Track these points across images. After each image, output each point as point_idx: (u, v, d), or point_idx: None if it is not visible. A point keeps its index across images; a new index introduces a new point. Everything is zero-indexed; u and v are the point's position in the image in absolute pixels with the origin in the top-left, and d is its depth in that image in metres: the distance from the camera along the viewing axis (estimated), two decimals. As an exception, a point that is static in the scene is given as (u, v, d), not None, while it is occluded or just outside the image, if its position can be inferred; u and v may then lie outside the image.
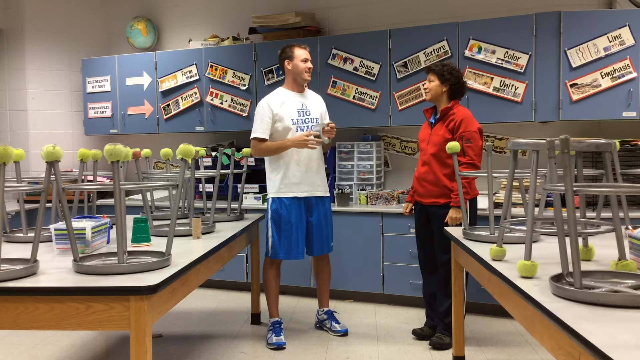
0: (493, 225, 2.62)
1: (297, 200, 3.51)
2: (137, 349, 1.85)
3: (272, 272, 3.61)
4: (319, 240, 3.60)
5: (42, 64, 5.32)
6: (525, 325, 1.88)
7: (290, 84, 3.58)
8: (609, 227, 1.93)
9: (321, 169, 3.61)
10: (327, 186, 3.67)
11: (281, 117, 3.47)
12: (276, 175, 3.53)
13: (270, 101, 3.51)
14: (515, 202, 3.60)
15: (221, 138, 5.35)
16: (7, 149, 1.84)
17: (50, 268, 2.12)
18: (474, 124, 3.34)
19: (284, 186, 3.50)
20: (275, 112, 3.47)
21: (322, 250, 3.64)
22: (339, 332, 3.68)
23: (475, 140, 3.30)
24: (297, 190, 3.51)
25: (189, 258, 2.28)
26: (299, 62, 3.50)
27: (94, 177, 3.26)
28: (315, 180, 3.55)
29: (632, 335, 1.33)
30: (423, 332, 3.60)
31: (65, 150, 4.79)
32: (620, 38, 3.85)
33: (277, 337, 3.51)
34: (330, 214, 3.68)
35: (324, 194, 3.61)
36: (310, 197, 3.54)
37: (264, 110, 3.49)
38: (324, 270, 3.77)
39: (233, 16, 5.28)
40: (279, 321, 3.63)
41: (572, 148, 1.71)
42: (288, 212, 3.49)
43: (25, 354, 3.45)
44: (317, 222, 3.58)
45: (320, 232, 3.60)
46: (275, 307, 3.65)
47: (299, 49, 3.53)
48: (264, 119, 3.48)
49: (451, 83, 3.39)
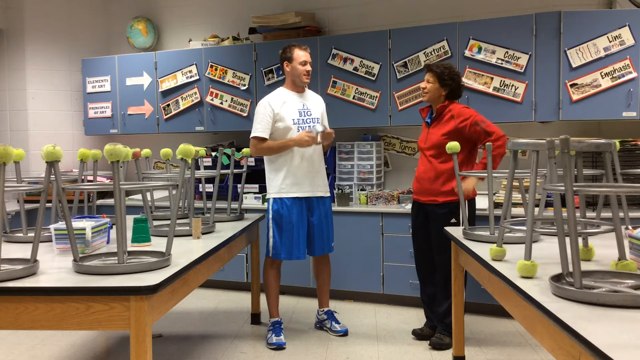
0: (493, 225, 2.62)
1: (298, 201, 3.51)
2: (137, 349, 1.85)
3: (272, 272, 3.61)
4: (319, 240, 3.60)
5: (42, 64, 5.32)
6: (525, 325, 1.88)
7: (290, 85, 3.58)
8: (609, 227, 1.93)
9: (322, 169, 3.62)
10: (328, 186, 3.67)
11: (282, 116, 3.47)
12: (276, 175, 3.53)
13: (271, 101, 3.51)
14: (515, 202, 3.60)
15: (221, 138, 5.35)
16: (7, 149, 1.84)
17: (50, 268, 2.12)
18: (471, 109, 3.39)
19: (285, 186, 3.50)
20: (276, 111, 3.47)
21: (323, 250, 3.65)
22: (339, 332, 3.68)
23: (482, 117, 3.33)
24: (298, 191, 3.50)
25: (189, 258, 2.28)
26: (297, 64, 3.49)
27: (94, 177, 3.26)
28: (316, 180, 3.55)
29: (632, 335, 1.33)
30: (423, 332, 3.60)
31: (65, 150, 4.78)
32: (620, 38, 3.85)
33: (277, 337, 3.51)
34: (331, 213, 3.68)
35: (324, 194, 3.62)
36: (311, 197, 3.55)
37: (264, 110, 3.48)
38: (324, 270, 3.77)
39: (233, 16, 5.28)
40: (279, 321, 3.63)
41: (572, 148, 1.71)
42: (289, 213, 3.49)
43: (25, 354, 3.44)
44: (318, 222, 3.58)
45: (321, 232, 3.60)
46: (275, 308, 3.65)
47: (298, 51, 3.50)
48: (264, 118, 3.47)
49: (451, 88, 3.39)
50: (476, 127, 3.28)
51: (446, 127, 3.34)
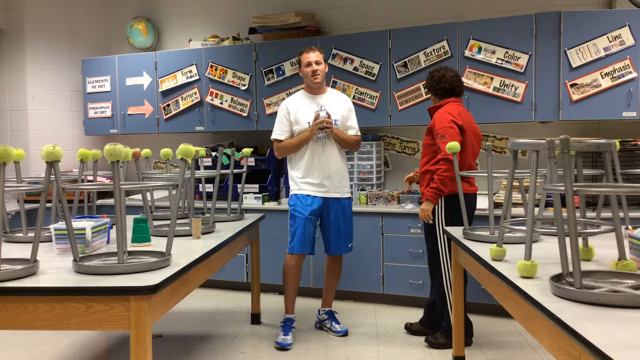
0: (493, 225, 2.62)
1: (312, 199, 3.55)
2: (137, 349, 1.85)
3: (290, 267, 3.59)
4: (335, 239, 3.63)
5: (42, 64, 5.32)
6: (525, 326, 1.88)
7: (307, 87, 3.65)
8: (609, 227, 1.93)
9: (341, 169, 3.63)
10: (349, 187, 3.71)
11: (297, 120, 3.55)
12: (294, 175, 3.62)
13: (288, 103, 3.62)
14: (515, 202, 3.61)
15: (221, 138, 5.35)
16: (7, 149, 1.84)
17: (50, 268, 2.11)
18: (445, 118, 3.26)
19: (302, 185, 3.57)
20: (292, 114, 3.56)
21: (339, 250, 3.67)
22: (339, 333, 3.68)
23: (452, 135, 3.20)
24: (313, 191, 3.55)
25: (189, 258, 2.28)
26: (304, 67, 3.57)
27: (94, 177, 3.26)
28: (333, 182, 3.58)
29: (632, 335, 1.33)
30: (412, 326, 3.69)
31: (65, 150, 4.80)
32: (620, 38, 3.85)
33: (284, 336, 3.51)
34: (350, 214, 3.69)
35: (342, 195, 3.63)
36: (327, 197, 3.58)
37: (281, 112, 3.62)
38: (335, 270, 3.77)
39: (233, 16, 5.28)
40: (291, 319, 3.62)
41: (572, 148, 1.71)
42: (303, 208, 3.53)
43: (25, 354, 3.45)
44: (334, 221, 3.61)
45: (338, 231, 3.62)
46: (290, 304, 3.65)
47: (304, 54, 3.58)
48: (281, 120, 3.60)
49: (429, 86, 3.46)
50: (437, 139, 3.28)
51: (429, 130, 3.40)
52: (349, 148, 3.70)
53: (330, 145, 3.56)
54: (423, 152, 3.48)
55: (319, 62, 3.55)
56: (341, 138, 3.57)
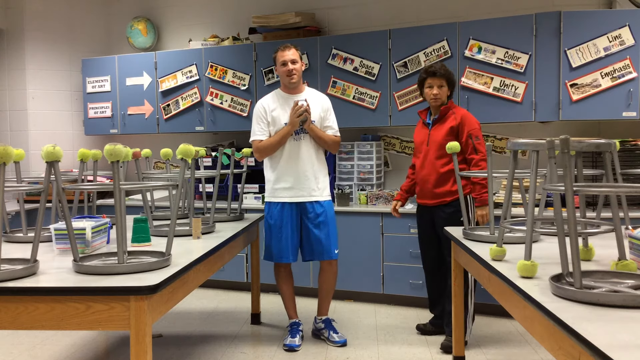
0: (493, 225, 2.62)
1: (288, 205, 3.44)
2: (137, 349, 1.85)
3: (280, 275, 3.58)
4: (317, 244, 3.45)
5: (42, 64, 5.32)
6: (525, 325, 1.88)
7: (284, 87, 3.53)
8: (609, 227, 1.93)
9: (318, 172, 3.47)
10: (328, 189, 3.54)
11: (274, 119, 3.43)
12: (269, 179, 3.52)
13: (264, 102, 3.50)
14: (515, 202, 3.61)
15: (221, 138, 5.35)
16: (7, 149, 1.84)
17: (50, 268, 2.11)
18: (476, 121, 3.40)
19: (275, 191, 3.47)
20: (269, 114, 3.45)
21: (321, 256, 3.47)
22: (337, 343, 3.50)
23: (481, 136, 3.38)
24: (287, 196, 3.43)
25: (189, 258, 2.28)
26: (278, 67, 3.45)
27: (94, 177, 3.26)
28: (310, 185, 3.43)
29: (632, 335, 1.33)
30: (426, 327, 3.65)
31: (65, 150, 4.80)
32: (620, 38, 3.85)
33: (291, 338, 3.49)
34: (331, 218, 3.49)
35: (320, 198, 3.47)
36: (304, 202, 3.45)
37: (258, 112, 3.49)
38: (325, 276, 3.57)
39: (233, 16, 5.28)
40: (296, 322, 3.60)
41: (572, 148, 1.71)
42: (278, 216, 3.44)
43: (25, 354, 3.45)
44: (313, 227, 3.45)
45: (318, 237, 3.44)
46: (291, 309, 3.63)
47: (279, 53, 3.44)
48: (259, 120, 3.47)
49: (454, 82, 3.48)
50: (469, 140, 3.30)
51: (447, 126, 3.35)
52: (328, 148, 3.52)
53: (308, 145, 3.43)
54: (438, 152, 3.37)
55: (295, 60, 3.40)
56: (319, 136, 3.41)
